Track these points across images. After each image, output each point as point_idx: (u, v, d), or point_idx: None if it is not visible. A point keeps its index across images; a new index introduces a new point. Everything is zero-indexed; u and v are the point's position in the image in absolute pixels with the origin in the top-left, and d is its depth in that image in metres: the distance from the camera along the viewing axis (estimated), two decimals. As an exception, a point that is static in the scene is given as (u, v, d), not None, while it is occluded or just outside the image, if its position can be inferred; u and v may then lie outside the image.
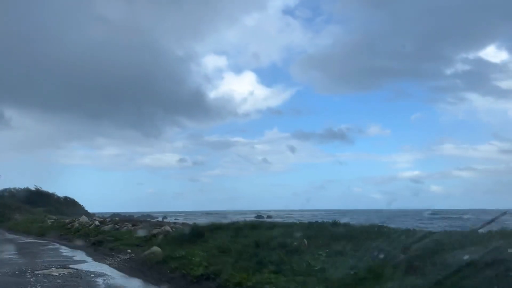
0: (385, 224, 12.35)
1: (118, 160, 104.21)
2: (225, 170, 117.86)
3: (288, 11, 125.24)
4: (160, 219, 41.63)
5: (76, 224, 25.84)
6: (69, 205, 54.52)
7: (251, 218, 28.98)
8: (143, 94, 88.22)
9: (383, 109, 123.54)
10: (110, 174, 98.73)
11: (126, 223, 21.71)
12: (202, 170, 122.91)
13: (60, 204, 53.02)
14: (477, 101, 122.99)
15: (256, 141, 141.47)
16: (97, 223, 23.78)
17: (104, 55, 77.67)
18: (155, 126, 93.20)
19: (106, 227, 21.67)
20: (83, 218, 27.28)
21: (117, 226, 21.30)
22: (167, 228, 17.18)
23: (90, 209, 53.47)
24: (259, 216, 53.50)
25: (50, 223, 30.88)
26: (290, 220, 23.92)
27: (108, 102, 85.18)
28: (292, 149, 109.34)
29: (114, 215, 40.19)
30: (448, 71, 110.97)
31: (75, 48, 72.53)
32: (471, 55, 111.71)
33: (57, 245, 19.56)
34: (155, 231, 16.73)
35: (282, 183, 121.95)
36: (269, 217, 56.13)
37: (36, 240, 22.80)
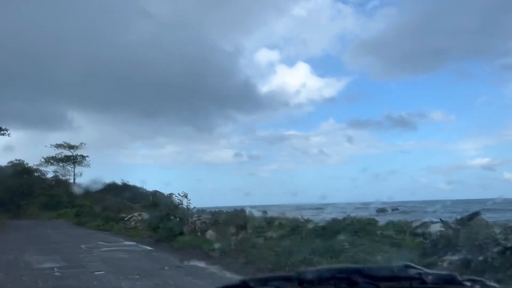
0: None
1: (178, 157, 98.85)
2: (281, 164, 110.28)
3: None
4: (258, 212, 33.17)
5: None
6: (161, 200, 46.94)
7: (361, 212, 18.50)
8: (194, 91, 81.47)
9: (445, 92, 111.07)
10: (173, 171, 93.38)
11: None
12: (259, 164, 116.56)
13: (153, 199, 45.41)
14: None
15: (312, 133, 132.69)
16: None
17: (152, 52, 71.15)
18: (209, 122, 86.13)
19: None
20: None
21: None
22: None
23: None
24: (381, 210, 44.28)
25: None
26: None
27: (161, 100, 78.99)
28: (350, 140, 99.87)
29: (215, 211, 28.74)
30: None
31: (124, 46, 66.48)
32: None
33: None
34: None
35: (341, 175, 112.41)
36: (394, 209, 47.28)
37: None
